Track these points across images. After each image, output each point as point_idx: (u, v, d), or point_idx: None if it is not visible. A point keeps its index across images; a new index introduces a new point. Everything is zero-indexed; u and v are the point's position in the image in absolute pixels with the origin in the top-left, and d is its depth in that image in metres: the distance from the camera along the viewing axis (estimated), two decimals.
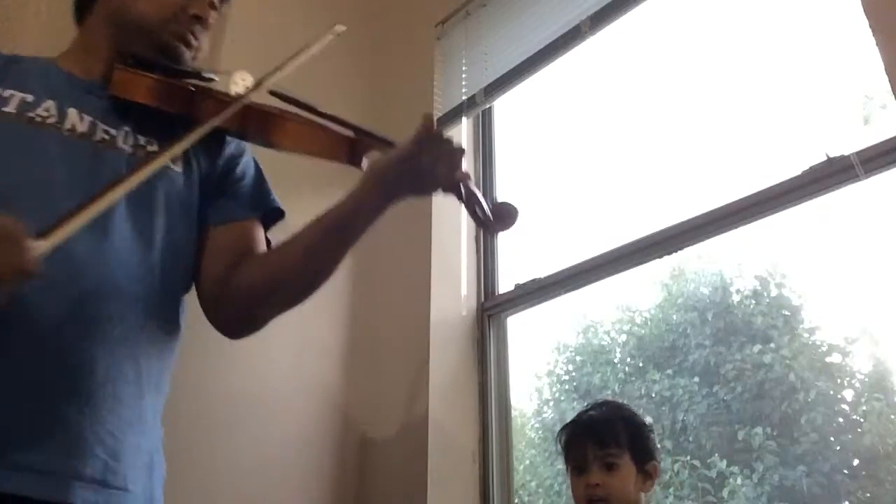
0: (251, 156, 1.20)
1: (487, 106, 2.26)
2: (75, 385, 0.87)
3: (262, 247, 1.13)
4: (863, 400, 2.03)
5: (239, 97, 1.05)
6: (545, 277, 2.03)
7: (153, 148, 1.05)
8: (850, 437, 2.01)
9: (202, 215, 1.10)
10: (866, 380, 2.06)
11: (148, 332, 0.97)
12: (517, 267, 2.20)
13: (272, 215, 1.19)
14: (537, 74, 2.10)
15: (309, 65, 2.37)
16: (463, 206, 1.06)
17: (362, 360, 2.15)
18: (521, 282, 2.09)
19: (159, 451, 0.99)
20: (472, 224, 2.27)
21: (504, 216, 1.06)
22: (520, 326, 2.17)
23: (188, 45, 1.12)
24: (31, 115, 0.99)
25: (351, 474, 2.02)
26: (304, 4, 2.43)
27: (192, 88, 1.08)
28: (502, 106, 2.43)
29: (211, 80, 1.14)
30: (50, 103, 1.02)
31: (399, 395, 2.05)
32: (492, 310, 2.14)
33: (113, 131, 1.03)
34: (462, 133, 2.36)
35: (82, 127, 1.02)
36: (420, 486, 1.86)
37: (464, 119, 2.27)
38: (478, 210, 1.05)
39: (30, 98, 1.01)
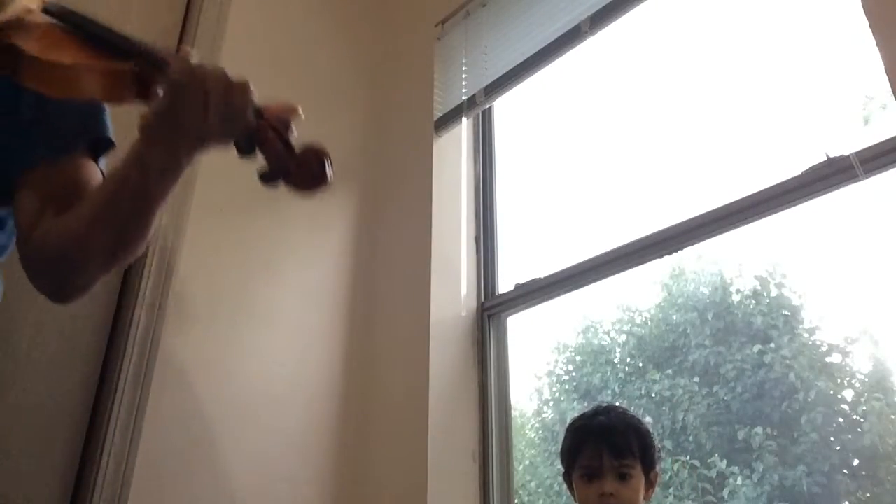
0: None
1: (487, 106, 2.27)
2: None
3: (88, 188, 0.97)
4: (863, 400, 2.03)
5: None
6: (545, 277, 2.03)
7: None
8: (850, 437, 2.01)
9: (20, 155, 0.96)
10: (866, 380, 2.06)
11: None
12: (517, 267, 2.20)
13: (103, 147, 1.02)
14: (537, 74, 2.10)
15: (311, 67, 2.38)
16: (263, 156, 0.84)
17: (362, 360, 2.15)
18: (521, 282, 2.09)
19: None
20: (472, 224, 2.27)
21: (306, 170, 0.82)
22: (520, 326, 2.17)
23: None
24: None
25: (351, 474, 2.02)
26: (305, 4, 2.43)
27: None
28: (502, 106, 2.43)
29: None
30: None
31: (399, 394, 2.04)
32: (492, 310, 2.14)
33: None
34: (462, 133, 2.36)
35: None
36: (420, 486, 1.86)
37: (464, 119, 2.27)
38: (277, 162, 0.83)
39: None
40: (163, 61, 0.85)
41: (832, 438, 2.03)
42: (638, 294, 2.64)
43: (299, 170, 0.82)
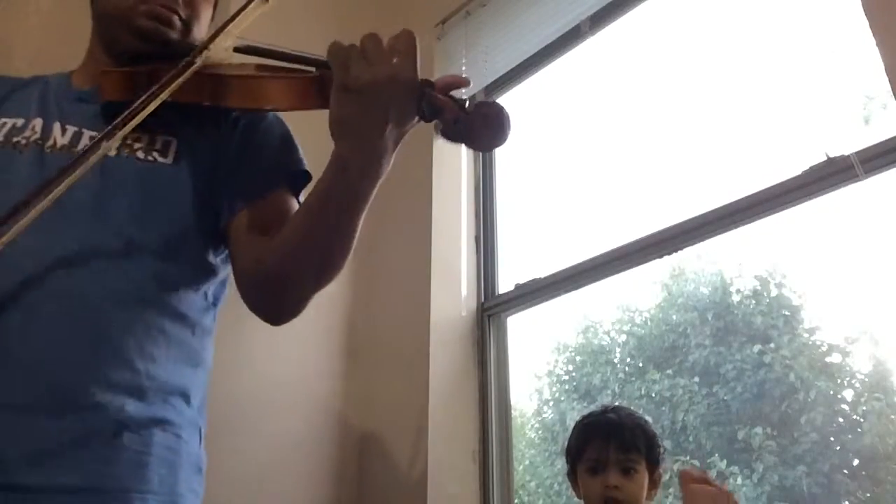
0: (272, 120, 1.10)
1: None
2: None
3: (290, 216, 1.03)
4: (863, 400, 2.04)
5: (180, 70, 0.92)
6: (545, 277, 2.03)
7: (139, 146, 1.00)
8: (850, 437, 2.01)
9: (225, 203, 1.03)
10: (866, 380, 2.06)
11: (121, 324, 0.92)
12: (517, 267, 2.20)
13: (300, 180, 1.07)
14: (537, 74, 2.10)
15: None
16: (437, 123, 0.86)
17: (362, 360, 2.15)
18: (521, 282, 2.09)
19: None
20: (472, 224, 2.27)
21: (484, 124, 0.84)
22: (520, 326, 2.17)
23: (165, 21, 1.04)
24: (16, 139, 1.00)
25: (351, 474, 2.02)
26: (304, 4, 2.43)
27: (157, 69, 0.99)
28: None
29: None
30: (37, 121, 1.02)
31: (399, 394, 2.05)
32: (492, 310, 2.14)
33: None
34: None
35: (63, 140, 1.01)
36: (420, 486, 1.86)
37: None
38: (455, 123, 0.84)
39: (20, 122, 1.02)
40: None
41: (832, 438, 2.03)
42: (638, 294, 2.64)
43: (478, 126, 0.84)
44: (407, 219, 2.26)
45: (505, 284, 2.18)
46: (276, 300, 1.00)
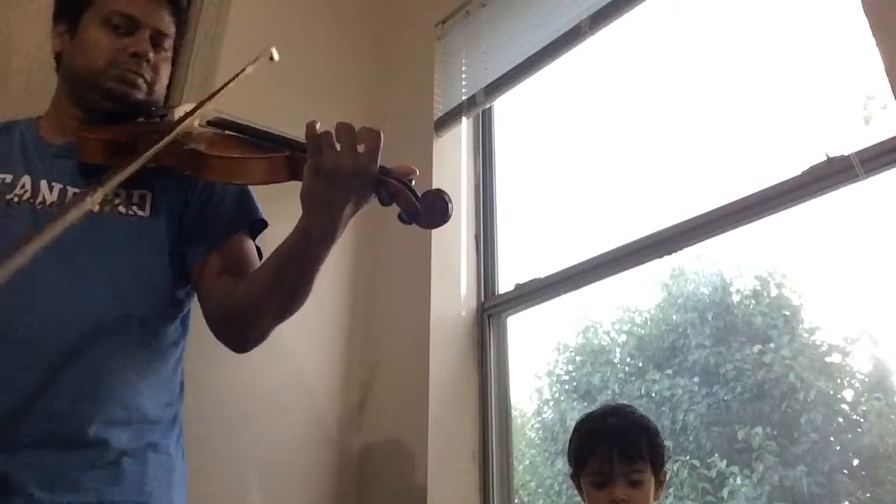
0: None
1: (487, 106, 2.26)
2: None
3: (251, 262, 1.19)
4: (863, 400, 2.04)
5: (160, 139, 1.02)
6: (545, 277, 2.03)
7: (119, 201, 1.11)
8: (850, 437, 2.01)
9: (191, 248, 1.17)
10: (866, 380, 2.06)
11: (105, 359, 1.05)
12: (517, 267, 2.20)
13: (257, 226, 1.23)
14: (537, 74, 2.10)
15: (311, 66, 2.38)
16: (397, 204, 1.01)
17: (362, 360, 2.15)
18: (521, 282, 2.09)
19: None
20: (472, 224, 2.27)
21: (432, 210, 1.01)
22: (520, 326, 2.17)
23: (132, 84, 1.15)
24: (9, 196, 1.08)
25: (351, 474, 2.02)
26: (305, 5, 2.43)
27: (136, 137, 1.08)
28: (502, 106, 2.43)
29: (164, 115, 1.18)
30: (25, 179, 1.11)
31: (399, 394, 2.05)
32: (492, 310, 2.14)
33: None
34: (462, 133, 2.36)
35: (52, 197, 1.10)
36: (420, 486, 1.86)
37: (464, 119, 2.27)
38: (408, 207, 1.01)
39: (9, 178, 1.10)
40: (303, 144, 1.00)
41: (832, 438, 2.03)
42: (638, 294, 2.64)
43: (427, 211, 1.00)
44: None
45: (505, 284, 2.18)
46: (240, 335, 1.17)
